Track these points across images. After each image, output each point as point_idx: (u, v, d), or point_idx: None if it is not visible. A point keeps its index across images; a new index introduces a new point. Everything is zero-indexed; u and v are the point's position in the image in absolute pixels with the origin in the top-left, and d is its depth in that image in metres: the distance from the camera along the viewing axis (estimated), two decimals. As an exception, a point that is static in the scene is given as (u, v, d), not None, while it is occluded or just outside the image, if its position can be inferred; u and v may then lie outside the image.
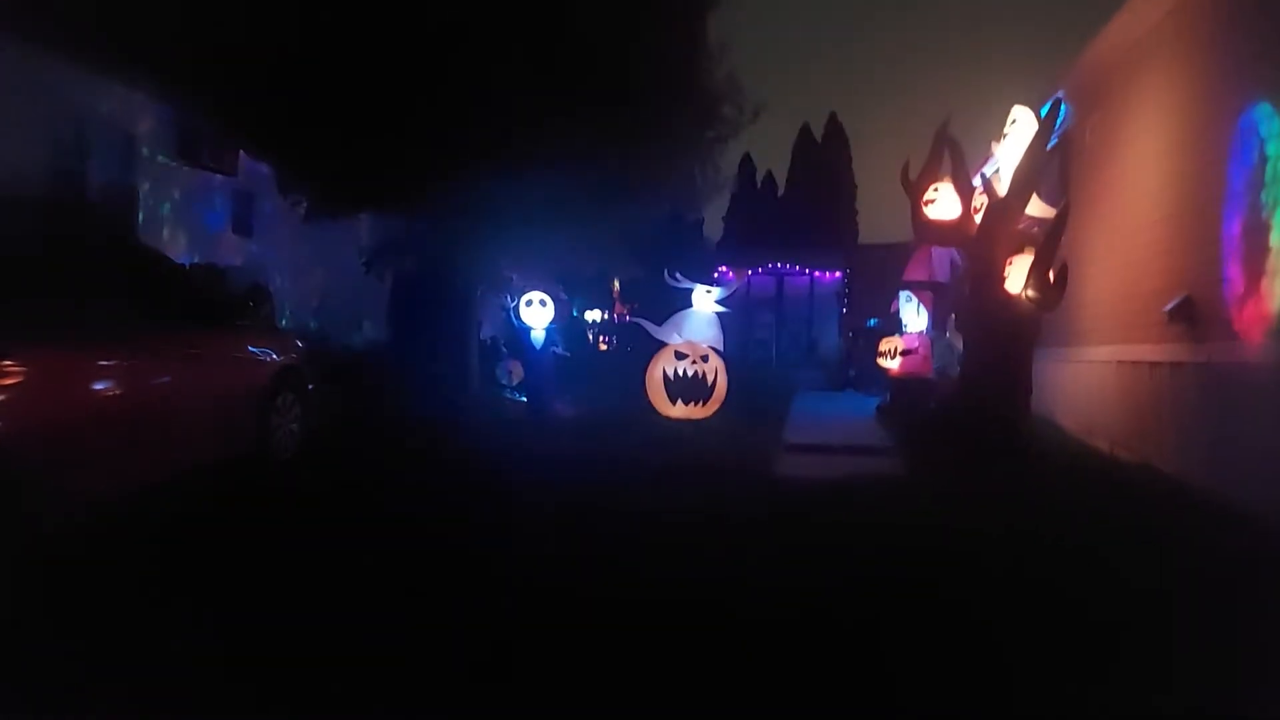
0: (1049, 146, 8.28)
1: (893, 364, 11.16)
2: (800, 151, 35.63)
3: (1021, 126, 8.39)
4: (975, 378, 8.85)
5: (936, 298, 11.52)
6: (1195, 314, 7.00)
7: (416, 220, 10.34)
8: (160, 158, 13.05)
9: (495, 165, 9.58)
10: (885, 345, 11.30)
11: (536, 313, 9.73)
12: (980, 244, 8.72)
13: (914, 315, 11.16)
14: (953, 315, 9.49)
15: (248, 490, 6.08)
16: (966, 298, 9.16)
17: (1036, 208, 8.43)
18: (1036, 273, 8.08)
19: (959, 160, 9.19)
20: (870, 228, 35.74)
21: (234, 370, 6.71)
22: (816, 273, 25.38)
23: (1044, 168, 8.09)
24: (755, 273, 24.86)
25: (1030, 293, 8.17)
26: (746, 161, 35.01)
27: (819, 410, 13.10)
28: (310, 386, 7.59)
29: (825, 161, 34.63)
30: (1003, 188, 8.52)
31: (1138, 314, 8.22)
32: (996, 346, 8.55)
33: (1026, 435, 8.57)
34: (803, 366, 22.00)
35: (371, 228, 10.78)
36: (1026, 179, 8.21)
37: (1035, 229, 8.63)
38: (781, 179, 36.32)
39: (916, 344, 11.07)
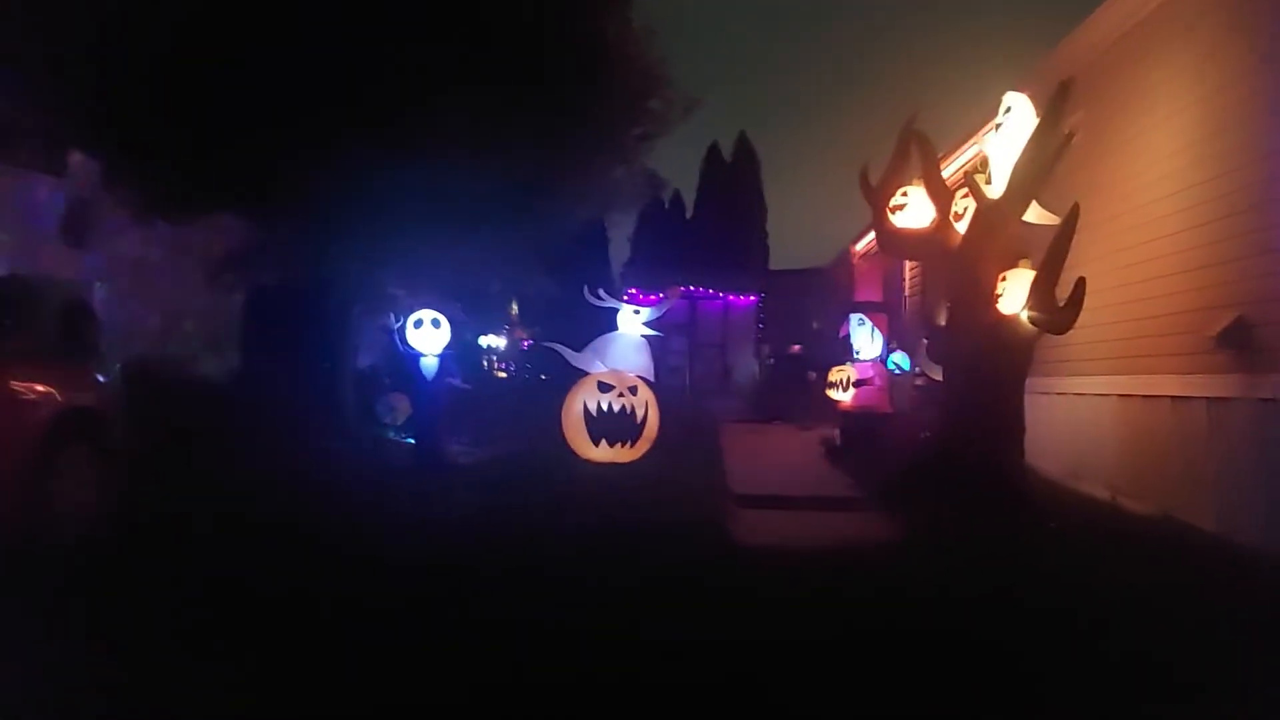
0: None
1: (844, 396, 9.73)
2: (709, 171, 34.46)
3: (1017, 117, 7.05)
4: (958, 415, 7.44)
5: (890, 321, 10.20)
6: (1251, 339, 5.72)
7: (274, 222, 8.34)
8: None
9: (373, 153, 7.74)
10: (835, 375, 9.88)
11: (428, 335, 7.85)
12: (965, 256, 7.35)
13: (867, 341, 9.77)
14: (924, 342, 8.11)
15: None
16: (944, 321, 7.76)
17: (1034, 213, 7.10)
18: (1041, 290, 6.72)
19: (931, 159, 7.83)
20: (779, 253, 34.92)
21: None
22: (730, 297, 24.09)
23: (1051, 165, 6.76)
24: (666, 296, 23.36)
25: (1033, 313, 6.82)
26: (653, 179, 33.55)
27: (757, 448, 11.56)
28: (114, 436, 5.53)
29: (735, 182, 33.54)
30: (994, 189, 7.17)
31: (1154, 339, 6.97)
32: (984, 378, 7.17)
33: (1021, 482, 7.19)
34: (719, 395, 20.57)
35: (231, 233, 8.73)
36: (1028, 179, 6.86)
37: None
38: (689, 199, 35.09)
39: (872, 373, 9.68)
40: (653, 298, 22.36)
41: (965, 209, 7.45)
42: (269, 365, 8.86)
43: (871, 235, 16.31)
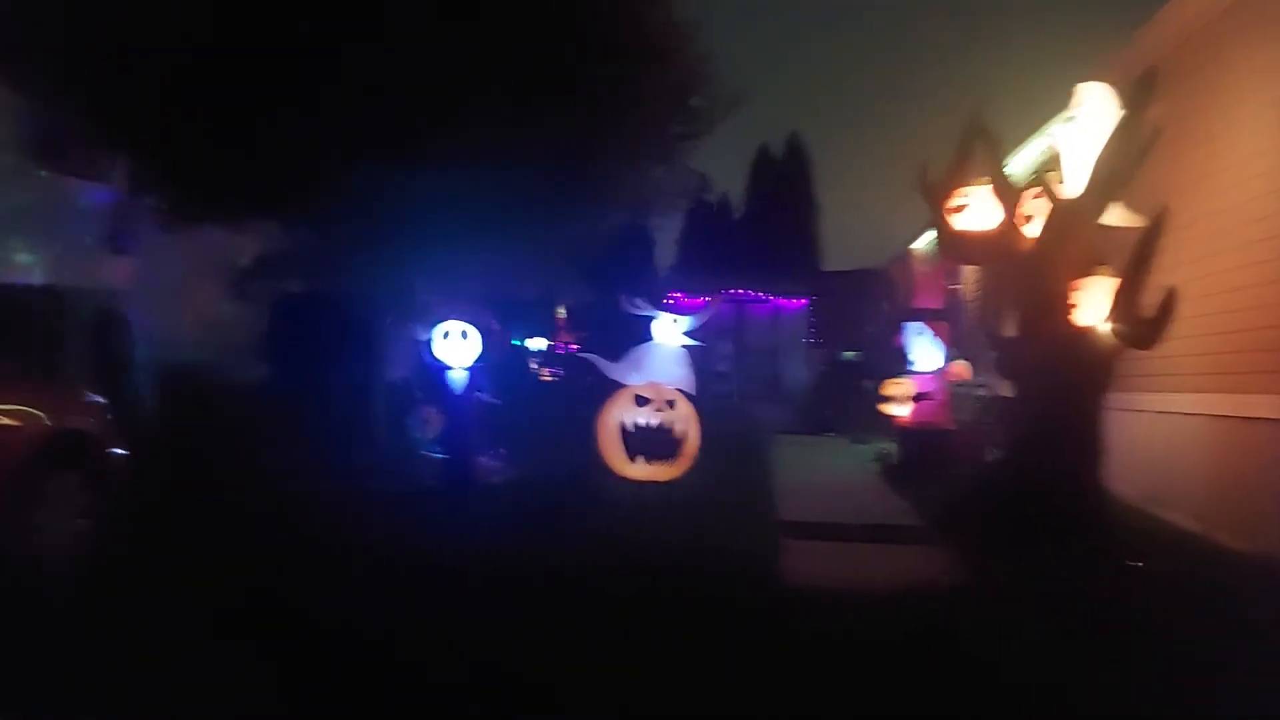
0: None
1: (902, 412, 9.06)
2: (759, 172, 33.72)
3: (1096, 109, 6.37)
4: (1028, 436, 6.78)
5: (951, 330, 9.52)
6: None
7: (301, 228, 7.97)
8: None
9: (402, 155, 7.32)
10: (892, 388, 9.21)
11: (456, 347, 7.39)
12: (1036, 262, 6.69)
13: (927, 351, 9.09)
14: (994, 355, 7.45)
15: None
16: (1013, 333, 7.10)
17: (1115, 214, 6.41)
18: (1125, 300, 6.05)
19: (996, 156, 7.18)
20: (832, 253, 34.01)
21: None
22: (779, 300, 23.37)
23: (1137, 161, 6.07)
24: (713, 300, 22.73)
25: (1115, 326, 6.14)
26: (702, 181, 32.94)
27: (806, 465, 10.94)
28: (107, 461, 5.15)
29: (786, 182, 32.76)
30: (1070, 188, 6.50)
31: (1252, 354, 6.24)
32: (1058, 396, 6.50)
33: (1100, 513, 6.50)
34: (768, 403, 19.89)
35: (256, 239, 8.41)
36: (1110, 177, 6.18)
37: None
38: (738, 201, 34.41)
39: (933, 387, 8.99)
40: (697, 302, 21.84)
41: (1036, 210, 6.79)
42: (297, 379, 8.50)
43: (931, 235, 15.57)
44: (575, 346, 26.84)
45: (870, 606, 4.90)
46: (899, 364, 9.84)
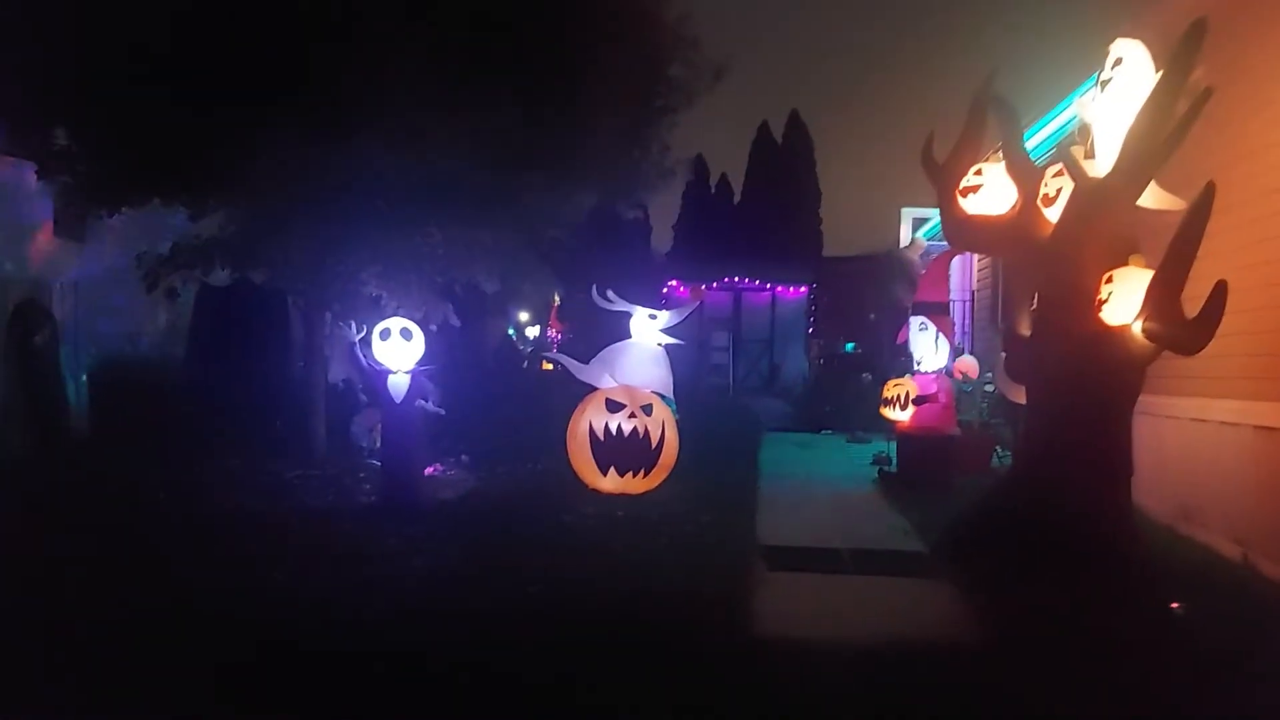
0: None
1: (902, 415, 8.19)
2: (759, 153, 32.69)
3: (1131, 71, 5.45)
4: (1046, 450, 5.91)
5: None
6: None
7: (231, 210, 7.07)
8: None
9: (341, 127, 6.47)
10: (892, 389, 8.34)
11: (396, 349, 6.49)
12: (1058, 250, 5.80)
13: (930, 348, 8.22)
14: (1001, 356, 6.58)
15: None
16: (1029, 331, 6.23)
17: (1151, 195, 5.50)
18: (1162, 295, 5.14)
19: (1013, 130, 6.29)
20: (834, 239, 33.02)
21: None
22: (778, 288, 22.46)
23: (1180, 132, 5.17)
24: (710, 288, 21.85)
25: (1151, 325, 5.24)
26: (699, 164, 32.02)
27: (798, 467, 10.08)
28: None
29: (786, 164, 31.73)
30: (1099, 164, 5.60)
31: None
32: (1082, 405, 5.63)
33: (1129, 540, 5.63)
34: (764, 396, 19.03)
35: (180, 223, 7.50)
36: (1147, 151, 5.27)
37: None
38: (738, 184, 33.37)
39: (935, 388, 8.12)
40: (682, 292, 20.89)
41: (1059, 191, 5.89)
42: (224, 381, 7.61)
43: (937, 219, 14.63)
44: (559, 337, 25.99)
45: (857, 662, 4.08)
46: (900, 358, 8.97)
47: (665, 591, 4.84)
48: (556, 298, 26.96)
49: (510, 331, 24.87)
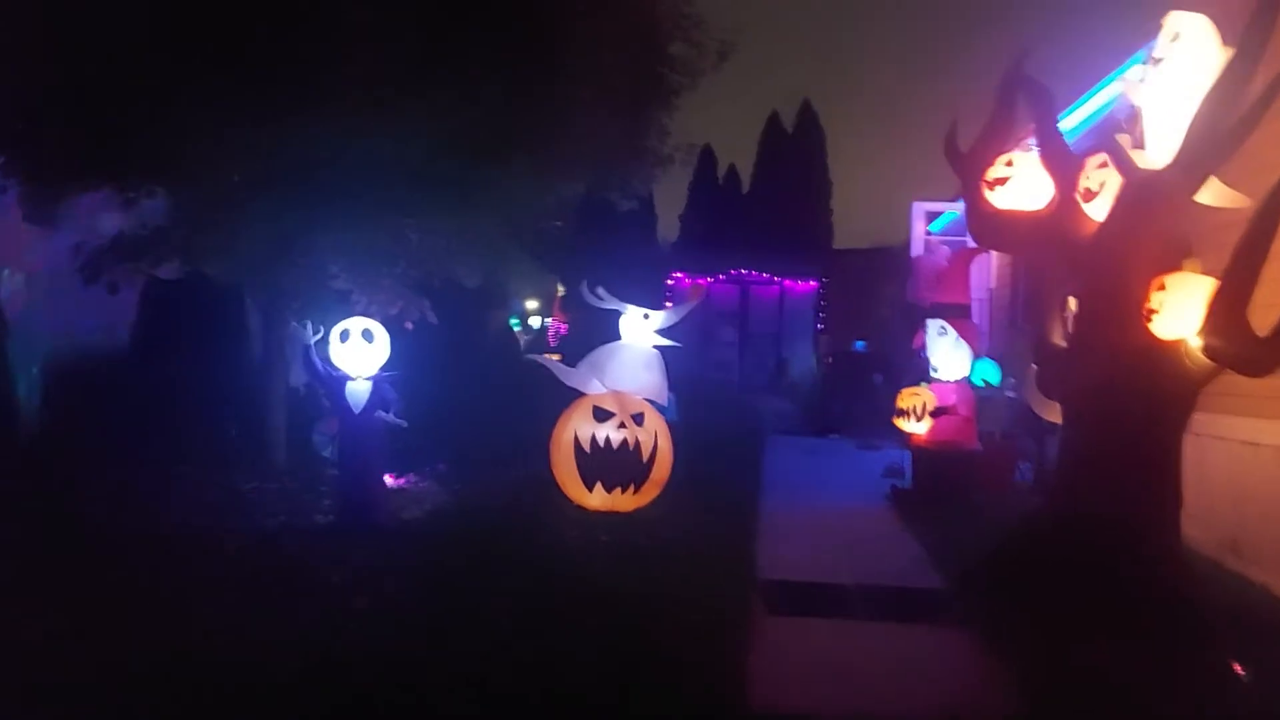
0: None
1: (919, 428, 7.50)
2: (768, 143, 31.88)
3: (1191, 48, 4.75)
4: (1084, 476, 5.25)
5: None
6: None
7: (179, 194, 6.42)
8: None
9: (302, 104, 5.82)
10: (907, 399, 7.64)
11: (356, 353, 5.81)
12: (1102, 253, 5.13)
13: (948, 354, 7.52)
14: (1032, 368, 5.90)
15: None
16: (1065, 342, 5.56)
17: (1212, 192, 4.81)
18: (1225, 308, 4.47)
19: (1048, 115, 5.59)
20: (845, 232, 32.26)
21: None
22: (787, 282, 21.75)
23: (1253, 119, 4.47)
24: (716, 280, 21.16)
25: (1211, 341, 4.56)
26: (707, 154, 31.26)
27: (803, 478, 9.41)
28: None
29: (797, 154, 30.92)
30: (1150, 154, 4.90)
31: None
32: (1127, 427, 4.97)
33: (1180, 580, 4.96)
34: (771, 394, 18.38)
35: (122, 211, 6.85)
36: (1211, 140, 4.58)
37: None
38: (746, 175, 32.61)
39: (955, 399, 7.43)
40: (700, 282, 20.18)
41: (1101, 184, 5.21)
42: (172, 383, 6.96)
43: (956, 212, 13.87)
44: (562, 329, 25.33)
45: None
46: (916, 361, 8.28)
47: (645, 651, 4.15)
48: (560, 288, 26.33)
49: (514, 321, 24.27)
